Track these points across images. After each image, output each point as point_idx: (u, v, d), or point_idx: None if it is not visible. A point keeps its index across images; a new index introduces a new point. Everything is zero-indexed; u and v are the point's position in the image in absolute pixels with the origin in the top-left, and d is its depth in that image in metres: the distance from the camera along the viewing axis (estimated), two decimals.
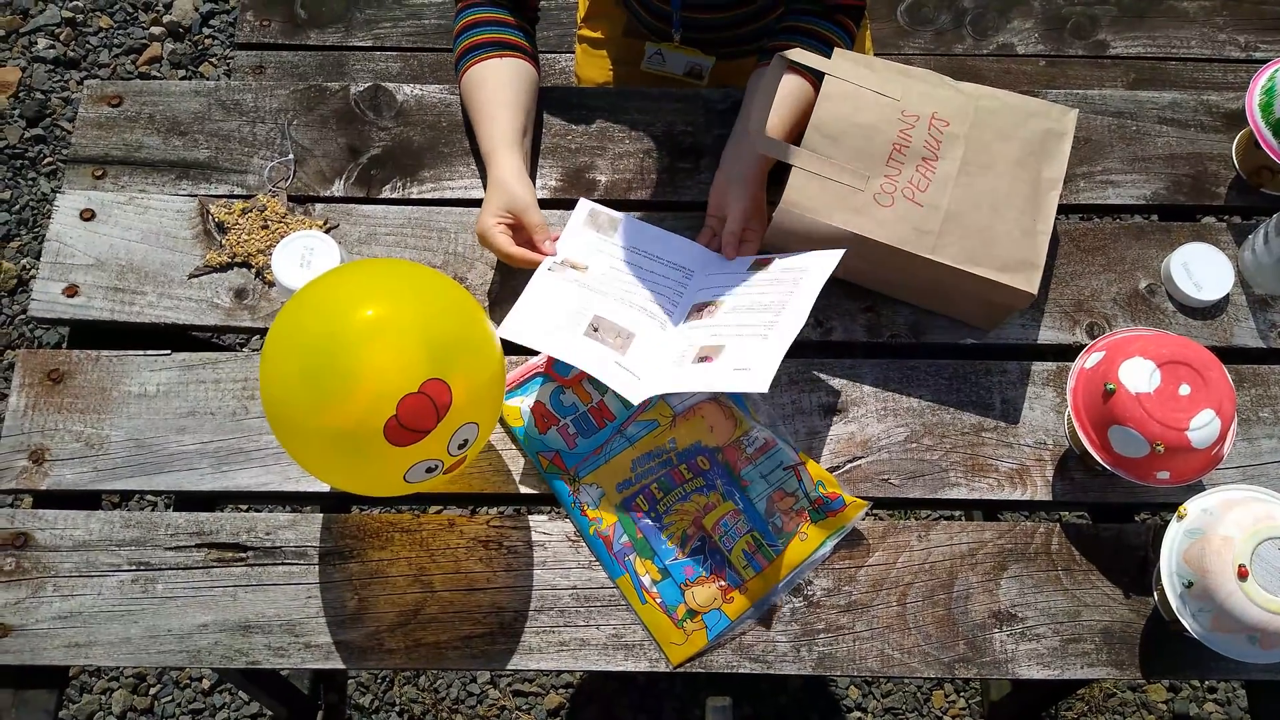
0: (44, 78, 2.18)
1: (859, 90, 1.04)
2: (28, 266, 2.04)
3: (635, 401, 0.98)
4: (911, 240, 1.01)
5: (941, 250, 1.00)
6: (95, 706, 1.72)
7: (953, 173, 1.02)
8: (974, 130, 1.04)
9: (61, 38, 2.22)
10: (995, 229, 1.01)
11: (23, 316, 1.99)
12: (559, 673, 1.74)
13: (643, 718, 1.71)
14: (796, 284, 1.01)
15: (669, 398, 1.05)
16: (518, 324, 1.03)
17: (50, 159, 2.13)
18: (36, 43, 2.21)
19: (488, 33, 1.13)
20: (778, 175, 1.13)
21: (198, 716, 1.72)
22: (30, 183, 2.11)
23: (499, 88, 1.11)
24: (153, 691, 1.74)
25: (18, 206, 2.08)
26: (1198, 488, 0.98)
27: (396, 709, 1.72)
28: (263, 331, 1.10)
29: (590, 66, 1.43)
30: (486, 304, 1.11)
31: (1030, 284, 1.00)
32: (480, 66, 1.12)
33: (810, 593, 1.00)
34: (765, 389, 0.91)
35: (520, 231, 1.07)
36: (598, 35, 1.42)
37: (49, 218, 1.14)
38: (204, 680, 1.74)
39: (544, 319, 1.03)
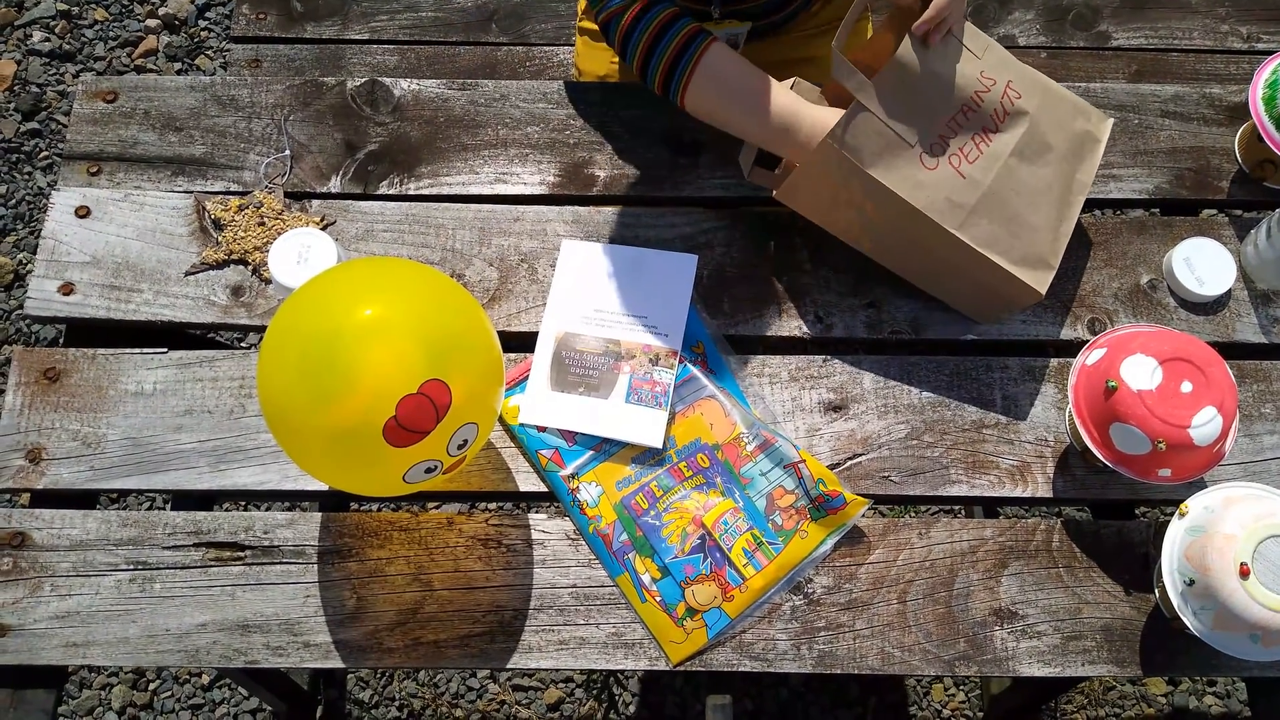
0: (39, 71, 2.17)
1: (948, 36, 0.99)
2: (24, 261, 2.03)
3: (659, 445, 1.02)
4: (942, 210, 0.97)
5: (968, 229, 0.97)
6: (95, 702, 1.72)
7: (1005, 151, 1.00)
8: (1040, 111, 1.01)
9: (57, 30, 2.21)
10: (1025, 221, 0.99)
11: (19, 312, 1.98)
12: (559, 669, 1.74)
13: (643, 713, 1.71)
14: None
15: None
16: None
17: (46, 153, 2.12)
18: (32, 35, 2.20)
19: (690, 22, 1.04)
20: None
21: (197, 712, 1.72)
22: (26, 177, 2.10)
23: (742, 62, 1.02)
24: (152, 687, 1.73)
25: (14, 201, 2.07)
26: (1199, 485, 0.98)
27: (396, 704, 1.72)
28: (259, 329, 1.09)
29: (591, 59, 1.42)
30: (484, 301, 1.10)
31: (1041, 284, 0.99)
32: (711, 53, 1.02)
33: (811, 590, 1.00)
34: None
35: None
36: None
37: (45, 212, 1.13)
38: (203, 676, 1.74)
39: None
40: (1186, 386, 0.93)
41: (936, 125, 0.98)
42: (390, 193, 1.16)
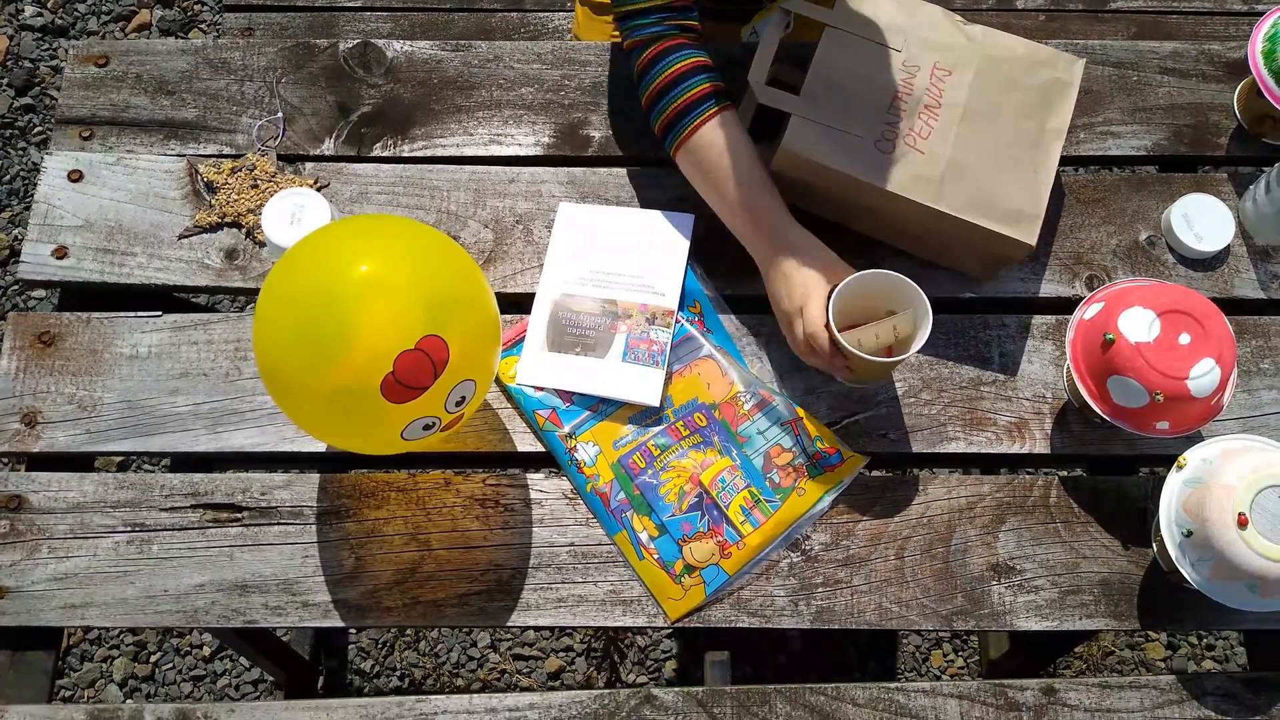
0: (32, 46, 2.16)
1: (859, 40, 1.03)
2: (19, 237, 2.02)
3: (656, 403, 1.02)
4: (912, 186, 0.99)
5: (942, 198, 0.99)
6: (96, 674, 1.72)
7: (955, 121, 1.01)
8: (977, 79, 1.03)
9: (49, 5, 2.19)
10: (996, 179, 1.00)
11: (15, 287, 1.98)
12: (558, 631, 1.74)
13: (644, 678, 1.71)
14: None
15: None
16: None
17: (40, 128, 2.11)
18: (24, 10, 2.19)
19: (703, 82, 1.01)
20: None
21: (199, 683, 1.73)
22: (20, 153, 2.09)
23: (738, 146, 1.00)
24: (154, 659, 1.74)
25: (8, 177, 2.06)
26: (1197, 438, 0.98)
27: (397, 673, 1.73)
28: (253, 292, 1.08)
29: (593, 31, 1.39)
30: (480, 263, 1.10)
31: (1029, 235, 0.99)
32: (708, 129, 1.01)
33: (808, 547, 1.00)
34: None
35: None
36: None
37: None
38: (205, 647, 1.75)
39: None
40: (1184, 338, 0.93)
41: (879, 116, 1.01)
42: (384, 155, 1.15)
